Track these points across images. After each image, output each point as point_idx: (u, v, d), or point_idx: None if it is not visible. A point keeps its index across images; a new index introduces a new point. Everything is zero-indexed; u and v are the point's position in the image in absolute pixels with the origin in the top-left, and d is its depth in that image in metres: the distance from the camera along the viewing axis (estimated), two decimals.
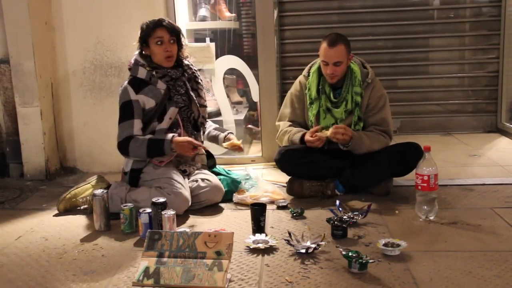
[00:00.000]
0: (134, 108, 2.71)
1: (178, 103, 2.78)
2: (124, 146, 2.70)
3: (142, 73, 2.76)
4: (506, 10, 4.14)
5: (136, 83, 2.75)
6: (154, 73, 2.75)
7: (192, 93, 2.86)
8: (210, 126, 3.12)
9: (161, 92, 2.76)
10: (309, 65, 3.02)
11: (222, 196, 2.79)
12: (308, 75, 2.97)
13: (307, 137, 2.80)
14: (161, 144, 2.66)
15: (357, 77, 2.86)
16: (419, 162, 2.46)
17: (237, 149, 2.91)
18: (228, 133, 3.01)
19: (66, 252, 2.27)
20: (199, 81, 2.94)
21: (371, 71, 2.93)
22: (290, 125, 2.97)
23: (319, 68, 2.91)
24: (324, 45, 2.81)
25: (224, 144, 2.94)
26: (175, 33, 2.77)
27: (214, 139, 3.06)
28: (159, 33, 2.73)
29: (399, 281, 1.88)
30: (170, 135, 2.69)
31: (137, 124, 2.71)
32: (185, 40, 2.89)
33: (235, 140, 2.92)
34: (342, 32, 2.96)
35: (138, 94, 2.73)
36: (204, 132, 3.04)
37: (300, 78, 3.03)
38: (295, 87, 3.03)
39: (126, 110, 2.73)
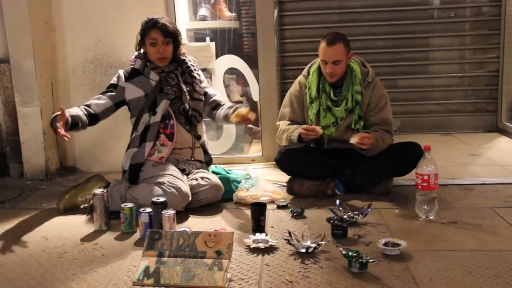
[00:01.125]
0: (115, 91, 2.85)
1: (169, 94, 2.82)
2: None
3: (137, 63, 2.88)
4: (506, 10, 4.14)
5: (130, 72, 2.88)
6: (147, 63, 2.84)
7: (183, 85, 2.87)
8: (222, 107, 2.95)
9: (152, 84, 2.82)
10: (309, 65, 3.02)
11: (222, 195, 2.79)
12: (308, 75, 2.97)
13: (301, 130, 2.77)
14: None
15: (357, 76, 2.86)
16: (419, 161, 2.46)
17: (246, 120, 2.67)
18: (235, 107, 2.81)
19: (66, 252, 2.27)
20: (195, 75, 2.94)
21: (371, 70, 2.93)
22: (289, 124, 2.97)
23: (319, 68, 2.91)
24: (323, 44, 2.81)
25: (232, 120, 2.73)
26: (170, 35, 2.78)
27: (226, 118, 2.88)
28: (153, 34, 2.77)
29: (399, 281, 1.88)
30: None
31: (100, 100, 2.83)
32: (183, 40, 2.91)
33: (240, 110, 2.67)
34: (342, 31, 2.96)
35: (127, 81, 2.85)
36: (196, 126, 3.00)
37: (300, 78, 3.03)
38: (294, 87, 3.03)
39: (108, 87, 2.90)
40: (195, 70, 2.96)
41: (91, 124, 2.81)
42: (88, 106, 2.81)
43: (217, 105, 3.02)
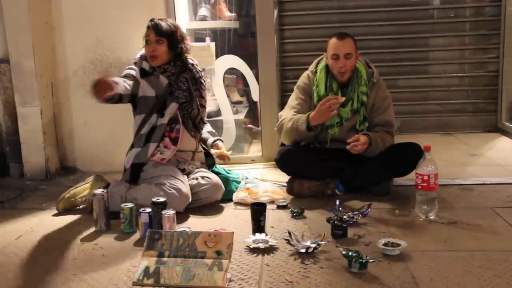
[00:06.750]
0: (128, 72, 2.77)
1: (179, 98, 2.82)
2: None
3: (145, 65, 2.85)
4: (506, 10, 4.13)
5: (141, 70, 2.83)
6: (156, 68, 2.82)
7: (194, 91, 2.88)
8: (205, 128, 3.11)
9: (163, 85, 2.80)
10: (315, 62, 2.99)
11: (222, 194, 2.80)
12: (316, 72, 2.95)
13: (317, 109, 2.70)
14: None
15: (362, 77, 2.85)
16: (419, 161, 2.46)
17: (224, 158, 2.94)
18: (218, 140, 3.02)
19: (66, 252, 2.27)
20: (202, 81, 2.96)
21: (376, 70, 2.93)
22: (294, 115, 2.87)
23: (326, 66, 2.89)
24: (333, 39, 2.82)
25: (213, 151, 2.97)
26: (162, 34, 2.78)
27: (203, 141, 3.07)
28: (147, 32, 2.80)
29: (399, 281, 1.88)
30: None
31: (126, 82, 2.70)
32: (185, 41, 2.89)
33: (224, 150, 2.95)
34: (342, 31, 2.96)
35: (142, 78, 2.80)
36: (201, 132, 3.03)
37: (308, 72, 2.98)
38: (303, 80, 2.97)
39: (127, 75, 2.77)
40: (201, 76, 2.97)
41: (114, 101, 2.68)
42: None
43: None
